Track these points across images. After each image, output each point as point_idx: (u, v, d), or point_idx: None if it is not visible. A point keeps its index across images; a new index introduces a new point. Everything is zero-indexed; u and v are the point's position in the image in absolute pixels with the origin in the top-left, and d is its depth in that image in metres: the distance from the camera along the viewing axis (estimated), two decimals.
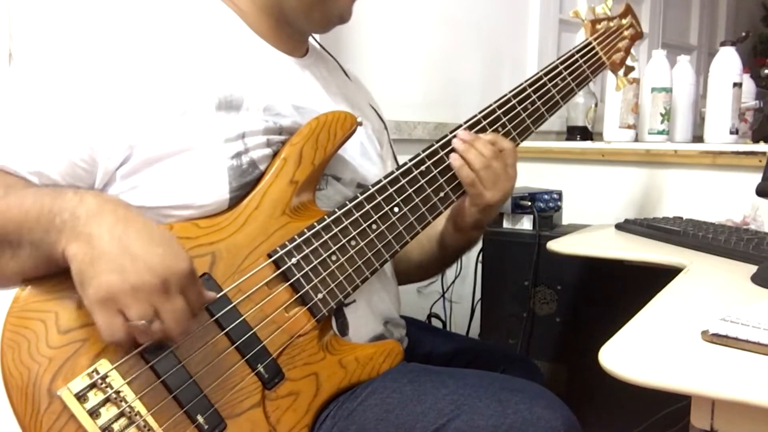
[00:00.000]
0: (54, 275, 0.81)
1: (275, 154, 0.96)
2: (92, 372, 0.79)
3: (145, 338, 0.78)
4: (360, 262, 0.97)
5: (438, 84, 2.17)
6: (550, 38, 2.54)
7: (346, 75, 1.23)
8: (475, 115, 1.09)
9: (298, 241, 0.93)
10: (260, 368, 0.88)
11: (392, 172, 1.01)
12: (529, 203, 1.74)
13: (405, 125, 1.99)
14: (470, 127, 1.07)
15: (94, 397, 0.78)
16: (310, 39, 1.15)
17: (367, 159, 1.11)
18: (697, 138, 2.11)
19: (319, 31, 1.13)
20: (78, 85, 0.88)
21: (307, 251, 0.93)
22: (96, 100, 0.87)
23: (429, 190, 1.03)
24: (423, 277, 1.30)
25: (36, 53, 0.92)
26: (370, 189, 0.99)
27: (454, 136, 1.06)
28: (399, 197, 1.00)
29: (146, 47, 0.92)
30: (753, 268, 1.04)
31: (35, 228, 0.78)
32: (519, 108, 1.11)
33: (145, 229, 0.79)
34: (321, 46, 1.20)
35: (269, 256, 0.91)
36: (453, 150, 1.05)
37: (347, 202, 0.97)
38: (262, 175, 0.95)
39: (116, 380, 0.79)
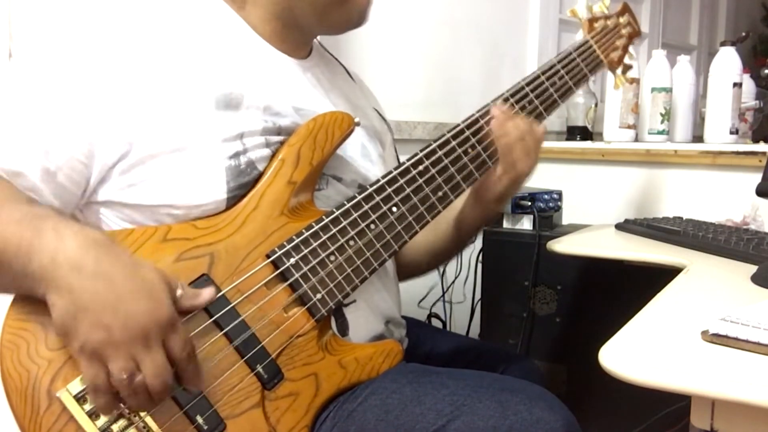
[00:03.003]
0: None
1: (273, 155, 0.96)
2: None
3: (126, 392, 0.77)
4: (359, 262, 0.96)
5: (438, 84, 2.17)
6: (550, 38, 2.54)
7: (350, 77, 1.23)
8: (473, 114, 1.09)
9: (297, 241, 0.93)
10: (259, 368, 0.88)
11: (390, 172, 1.01)
12: (529, 203, 1.74)
13: (405, 125, 1.99)
14: (468, 127, 1.07)
15: None
16: (315, 41, 1.14)
17: (368, 160, 1.11)
18: (697, 138, 2.11)
19: (333, 33, 1.13)
20: (78, 79, 0.88)
21: (305, 251, 0.93)
22: (96, 94, 0.87)
23: (427, 190, 1.03)
24: (432, 266, 1.30)
25: (36, 50, 0.92)
26: (368, 189, 0.99)
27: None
28: (397, 197, 1.00)
29: (146, 44, 0.92)
30: (753, 268, 1.04)
31: (14, 262, 0.77)
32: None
33: (127, 280, 0.77)
34: (324, 48, 1.20)
35: (268, 256, 0.91)
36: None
37: (345, 203, 0.97)
38: (260, 175, 0.95)
39: None
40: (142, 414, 0.80)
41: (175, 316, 0.79)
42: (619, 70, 1.29)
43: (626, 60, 1.30)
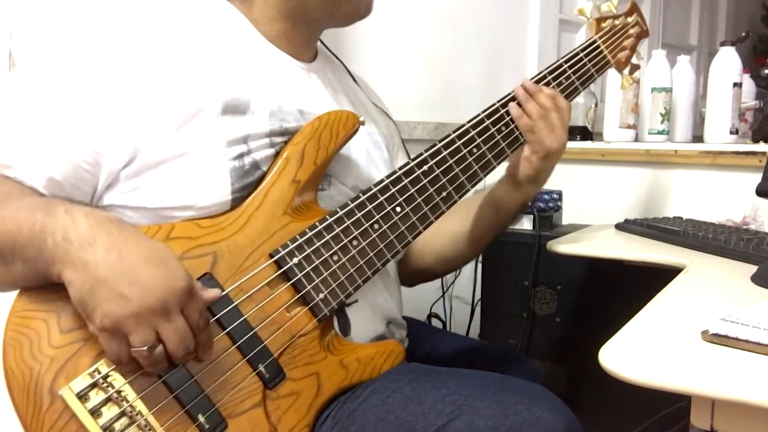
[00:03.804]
0: None
1: (278, 153, 0.96)
2: (94, 371, 0.79)
3: (147, 362, 0.77)
4: (362, 262, 0.96)
5: (438, 84, 2.17)
6: (550, 38, 2.54)
7: (354, 79, 1.23)
8: (478, 114, 1.09)
9: (300, 240, 0.93)
10: (261, 368, 0.88)
11: (394, 172, 1.01)
12: (529, 203, 1.73)
13: (405, 125, 1.99)
14: (474, 127, 1.07)
15: (96, 397, 0.78)
16: (319, 43, 1.15)
17: (372, 165, 1.11)
18: (697, 138, 2.11)
19: (340, 26, 1.13)
20: (83, 87, 0.88)
21: (308, 251, 0.93)
22: (101, 102, 0.87)
23: (431, 190, 1.03)
24: (473, 254, 1.28)
25: (41, 55, 0.92)
26: (372, 189, 0.99)
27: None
28: (401, 197, 1.00)
29: (153, 50, 0.92)
30: (753, 268, 1.04)
31: (27, 246, 0.78)
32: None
33: (140, 251, 0.78)
34: (330, 51, 1.20)
35: (271, 255, 0.91)
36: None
37: (349, 202, 0.97)
38: (264, 174, 0.95)
39: (117, 380, 0.79)
40: (145, 412, 0.80)
41: (193, 284, 0.80)
42: (626, 71, 1.28)
43: (634, 60, 1.29)
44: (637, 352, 0.74)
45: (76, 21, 0.97)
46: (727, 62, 1.90)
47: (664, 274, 1.08)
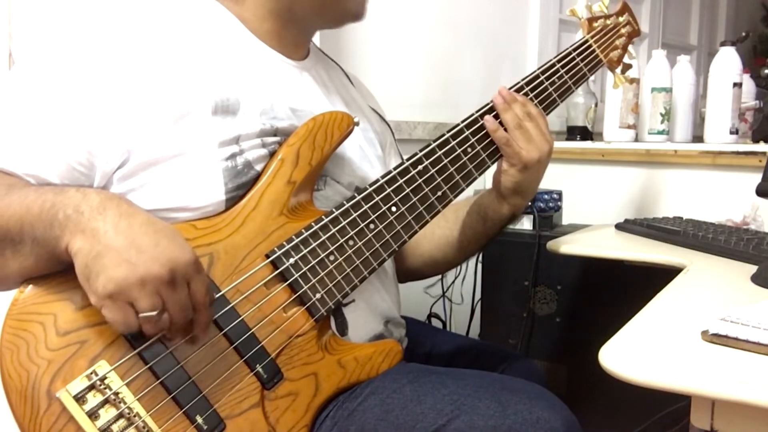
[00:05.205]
0: (53, 277, 0.81)
1: (271, 154, 0.96)
2: (91, 374, 0.79)
3: (153, 330, 0.77)
4: (358, 262, 0.96)
5: (438, 84, 2.17)
6: (550, 38, 2.54)
7: (348, 78, 1.23)
8: (472, 114, 1.08)
9: (296, 241, 0.93)
10: (259, 368, 0.88)
11: (390, 172, 1.01)
12: (529, 203, 1.73)
13: (405, 125, 1.99)
14: (468, 126, 1.07)
15: (93, 399, 0.78)
16: (312, 43, 1.15)
17: (366, 162, 1.11)
18: (697, 138, 2.11)
19: (332, 27, 1.13)
20: (76, 88, 0.88)
21: (305, 251, 0.93)
22: (94, 103, 0.87)
23: (426, 190, 1.03)
24: (457, 261, 1.27)
25: (35, 56, 0.92)
26: (367, 189, 0.99)
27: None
28: (396, 197, 1.00)
29: (144, 51, 0.92)
30: (753, 268, 1.04)
31: (37, 223, 0.78)
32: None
33: (148, 223, 0.79)
34: (321, 51, 1.20)
35: (267, 256, 0.91)
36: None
37: (345, 202, 0.97)
38: (258, 175, 0.95)
39: (115, 381, 0.79)
40: (142, 414, 0.80)
41: (199, 259, 0.80)
42: (618, 70, 1.28)
43: (626, 59, 1.29)
44: (637, 352, 0.73)
45: (70, 22, 0.97)
46: (727, 62, 1.90)
47: (664, 274, 1.07)
